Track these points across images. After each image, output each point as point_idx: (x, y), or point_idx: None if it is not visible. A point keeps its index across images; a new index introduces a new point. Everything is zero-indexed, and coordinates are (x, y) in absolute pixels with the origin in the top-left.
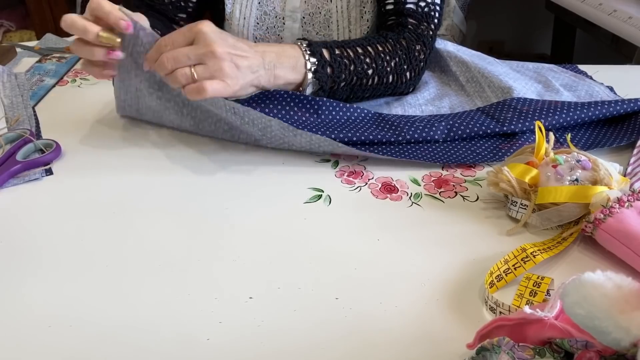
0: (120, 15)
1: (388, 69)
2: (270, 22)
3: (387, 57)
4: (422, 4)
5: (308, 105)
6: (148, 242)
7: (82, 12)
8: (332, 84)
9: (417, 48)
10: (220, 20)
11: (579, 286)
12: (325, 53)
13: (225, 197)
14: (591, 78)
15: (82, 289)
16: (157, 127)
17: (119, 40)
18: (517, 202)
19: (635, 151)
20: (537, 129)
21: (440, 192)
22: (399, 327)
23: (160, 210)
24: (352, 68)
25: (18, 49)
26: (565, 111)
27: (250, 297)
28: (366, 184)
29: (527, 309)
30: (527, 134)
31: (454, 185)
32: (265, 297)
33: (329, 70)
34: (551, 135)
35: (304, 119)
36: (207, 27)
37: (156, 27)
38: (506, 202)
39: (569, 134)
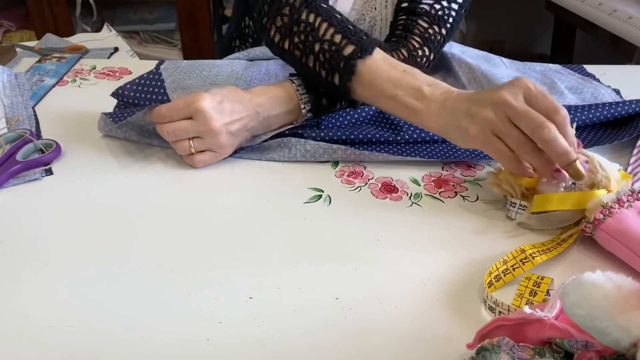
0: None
1: None
2: None
3: None
4: (437, 6)
5: None
6: (148, 242)
7: (81, 12)
8: (328, 112)
9: (420, 54)
10: None
11: (579, 286)
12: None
13: (225, 197)
14: (598, 80)
15: (82, 289)
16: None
17: None
18: (516, 204)
19: (635, 151)
20: None
21: (440, 192)
22: (399, 327)
23: (160, 210)
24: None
25: (18, 49)
26: (572, 113)
27: (250, 297)
28: (366, 184)
29: (527, 309)
30: None
31: (454, 185)
32: (265, 297)
33: (324, 102)
34: None
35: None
36: (205, 104)
37: None
38: (505, 203)
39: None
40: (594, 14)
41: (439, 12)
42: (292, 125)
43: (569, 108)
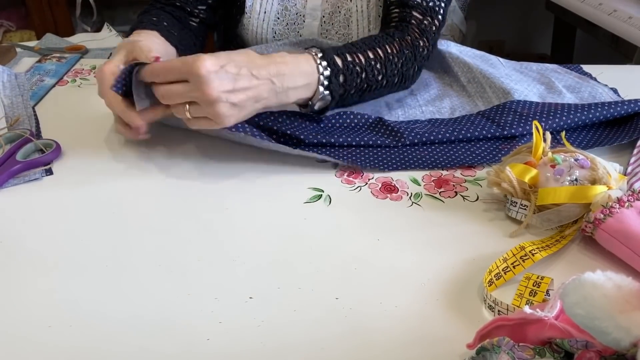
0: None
1: (395, 71)
2: (290, 18)
3: (396, 59)
4: None
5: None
6: (148, 242)
7: (81, 12)
8: (343, 92)
9: (421, 44)
10: (240, 13)
11: (579, 286)
12: (338, 61)
13: (225, 197)
14: (595, 80)
15: (82, 289)
16: (156, 127)
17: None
18: (517, 203)
19: (635, 151)
20: (534, 129)
21: (440, 192)
22: (399, 327)
23: (160, 210)
24: (363, 76)
25: (18, 49)
26: (566, 113)
27: (250, 297)
28: (366, 184)
29: (527, 309)
30: (528, 137)
31: (454, 185)
32: (265, 297)
33: (341, 78)
34: (548, 135)
35: (303, 125)
36: (203, 68)
37: (171, 29)
38: (506, 202)
39: (564, 132)
40: (594, 14)
41: (430, 4)
42: (294, 126)
43: (569, 108)
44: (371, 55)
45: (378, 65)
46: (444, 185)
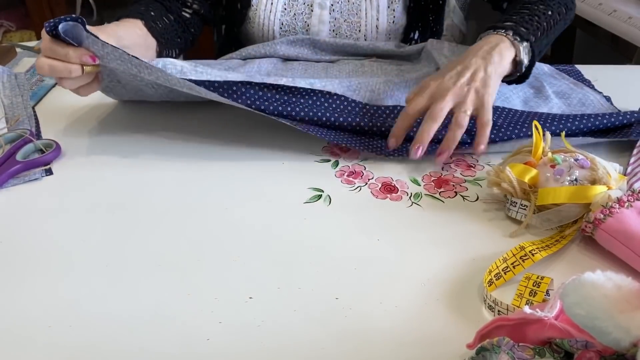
0: (82, 53)
1: (557, 3)
2: (298, 8)
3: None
4: None
5: (302, 92)
6: (148, 242)
7: (81, 12)
8: (534, 37)
9: None
10: (246, 7)
11: (579, 286)
12: (508, 24)
13: (225, 196)
14: (592, 87)
15: (82, 288)
16: (156, 127)
17: (98, 63)
18: (516, 203)
19: (635, 151)
20: (534, 129)
21: (440, 192)
22: (399, 327)
23: (160, 210)
24: (536, 19)
25: (18, 49)
26: (542, 123)
27: (250, 297)
28: (366, 184)
29: (527, 309)
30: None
31: (454, 185)
32: (265, 297)
33: (522, 29)
34: (547, 135)
35: (298, 101)
36: (434, 82)
37: (156, 20)
38: (506, 202)
39: (563, 132)
40: (594, 14)
41: None
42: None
43: (553, 117)
44: (527, 5)
45: (542, 6)
46: (443, 185)
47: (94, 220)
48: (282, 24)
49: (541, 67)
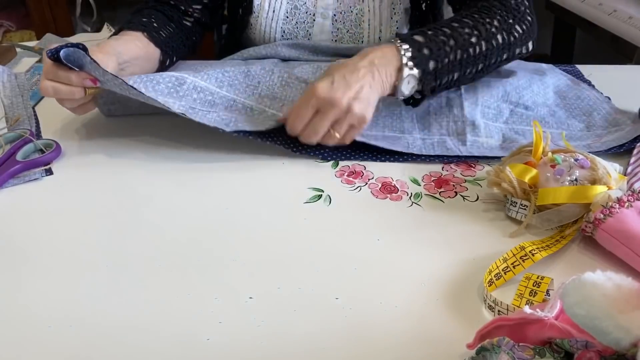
0: (83, 76)
1: (492, 29)
2: (300, 17)
3: (487, 19)
4: None
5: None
6: (148, 242)
7: (81, 12)
8: (435, 64)
9: (512, 3)
10: (247, 13)
11: (579, 286)
12: (419, 38)
13: (225, 197)
14: (593, 87)
15: (82, 289)
16: (156, 127)
17: (99, 85)
18: (516, 203)
19: (635, 151)
20: (534, 129)
21: (440, 192)
22: (399, 327)
23: (160, 211)
24: (452, 43)
25: (18, 49)
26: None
27: (250, 297)
28: (366, 184)
29: (527, 309)
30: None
31: (454, 185)
32: (265, 297)
33: (425, 51)
34: (548, 134)
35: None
36: (322, 92)
37: (159, 30)
38: (506, 203)
39: (564, 132)
40: (594, 14)
41: None
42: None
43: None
44: (455, 24)
45: (467, 30)
46: (443, 185)
47: (94, 220)
48: (284, 32)
49: (540, 65)
